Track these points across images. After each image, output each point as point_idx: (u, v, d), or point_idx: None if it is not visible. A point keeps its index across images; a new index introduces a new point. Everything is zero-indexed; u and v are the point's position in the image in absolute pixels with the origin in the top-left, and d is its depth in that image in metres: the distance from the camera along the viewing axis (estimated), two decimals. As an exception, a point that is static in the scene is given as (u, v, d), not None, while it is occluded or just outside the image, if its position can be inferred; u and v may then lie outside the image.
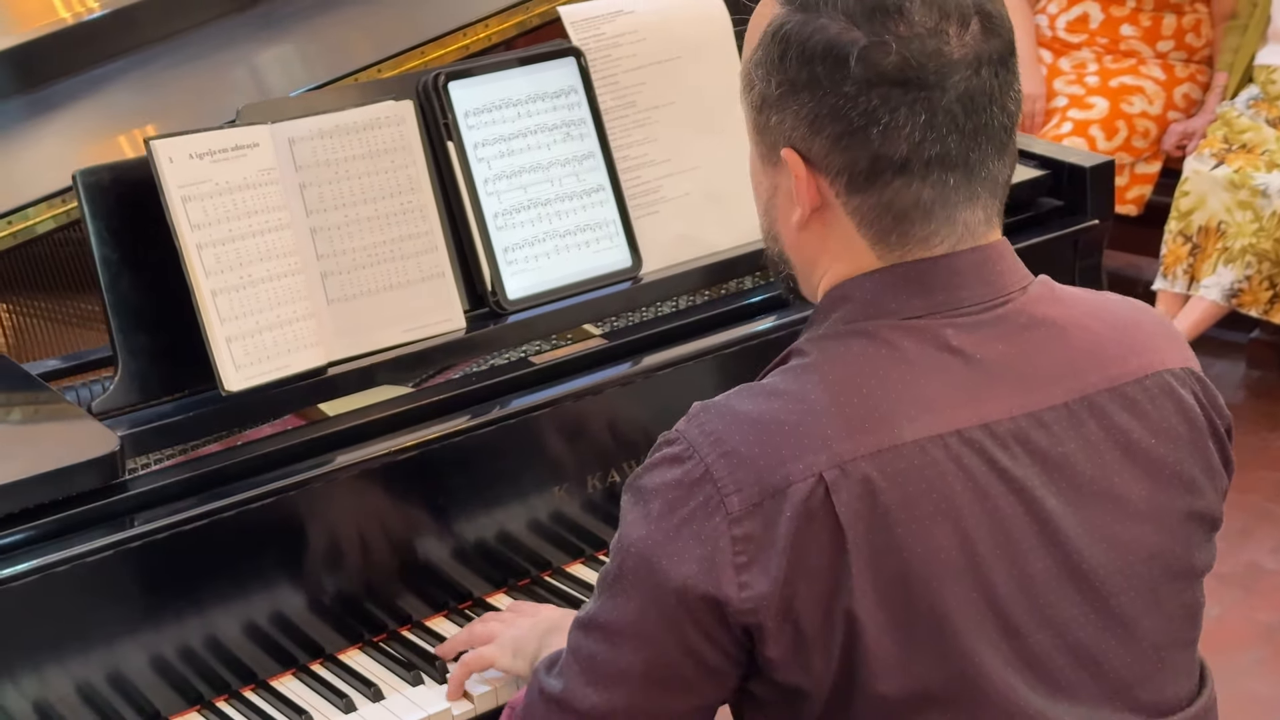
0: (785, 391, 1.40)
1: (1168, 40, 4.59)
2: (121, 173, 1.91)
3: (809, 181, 1.42)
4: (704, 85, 2.29)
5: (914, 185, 1.40)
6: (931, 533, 1.35)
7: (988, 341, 1.41)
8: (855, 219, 1.42)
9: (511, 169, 2.13)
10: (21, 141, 2.37)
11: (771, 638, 1.35)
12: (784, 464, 1.34)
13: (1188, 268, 4.29)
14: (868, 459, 1.34)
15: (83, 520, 1.78)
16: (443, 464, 1.97)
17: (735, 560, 1.34)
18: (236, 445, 1.91)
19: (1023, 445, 1.39)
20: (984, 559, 1.36)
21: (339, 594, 1.93)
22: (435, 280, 2.04)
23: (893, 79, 1.36)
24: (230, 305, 1.86)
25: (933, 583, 1.35)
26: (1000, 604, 1.37)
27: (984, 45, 1.39)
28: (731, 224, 2.27)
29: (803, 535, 1.33)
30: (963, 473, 1.36)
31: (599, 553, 2.11)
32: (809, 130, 1.40)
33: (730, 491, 1.35)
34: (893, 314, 1.41)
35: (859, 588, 1.33)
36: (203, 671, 1.85)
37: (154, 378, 1.91)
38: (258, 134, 1.93)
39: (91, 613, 1.77)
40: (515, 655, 1.82)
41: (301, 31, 2.57)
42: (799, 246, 1.48)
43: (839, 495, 1.33)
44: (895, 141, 1.38)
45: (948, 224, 1.42)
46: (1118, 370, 1.45)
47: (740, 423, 1.38)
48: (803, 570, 1.33)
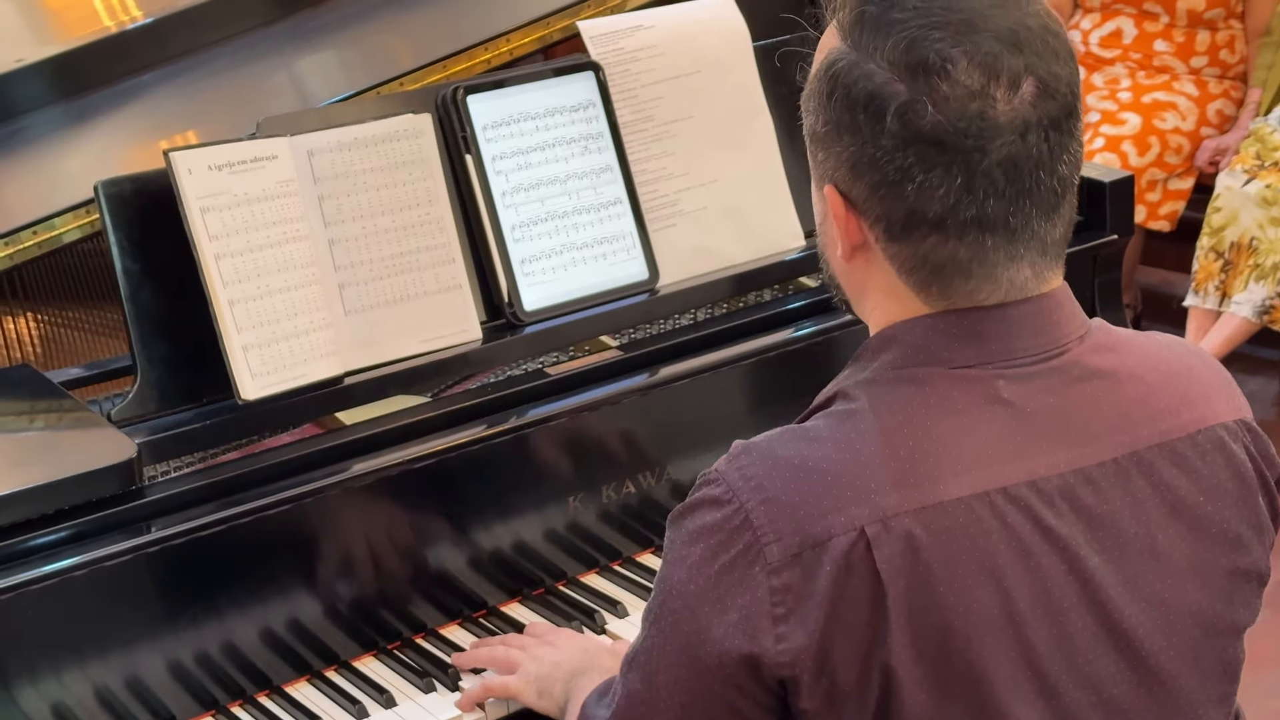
0: (830, 438, 1.36)
1: (1201, 56, 4.58)
2: (142, 184, 1.94)
3: (849, 220, 1.39)
4: (722, 100, 2.30)
5: (950, 244, 1.36)
6: (972, 590, 1.32)
7: (1039, 394, 1.38)
8: (895, 264, 1.40)
9: (529, 182, 2.15)
10: (58, 150, 2.41)
11: (806, 689, 1.34)
12: (825, 515, 1.32)
13: (1219, 284, 4.28)
14: (911, 515, 1.32)
15: (101, 526, 1.80)
16: (459, 473, 1.99)
17: (774, 611, 1.32)
18: (253, 453, 1.94)
19: (1069, 502, 1.36)
20: (1024, 617, 1.34)
21: (354, 601, 1.95)
22: (452, 292, 2.06)
23: (928, 139, 1.32)
24: (247, 315, 1.89)
25: (972, 640, 1.33)
26: (1038, 663, 1.35)
27: (1035, 110, 1.34)
28: (748, 237, 2.29)
29: (841, 589, 1.31)
30: (1007, 531, 1.34)
31: (614, 563, 2.13)
32: (850, 173, 1.37)
33: (770, 540, 1.33)
34: (944, 362, 1.38)
35: (897, 643, 1.31)
36: (218, 676, 1.88)
37: (172, 386, 1.93)
38: (277, 146, 1.96)
39: (109, 617, 1.80)
40: (540, 695, 1.82)
41: (329, 44, 2.61)
42: (846, 275, 1.46)
43: (880, 550, 1.31)
44: (930, 200, 1.34)
45: (989, 281, 1.38)
46: (1169, 424, 1.42)
47: (782, 468, 1.35)
48: (840, 624, 1.31)
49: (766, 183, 2.32)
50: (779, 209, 2.32)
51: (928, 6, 1.35)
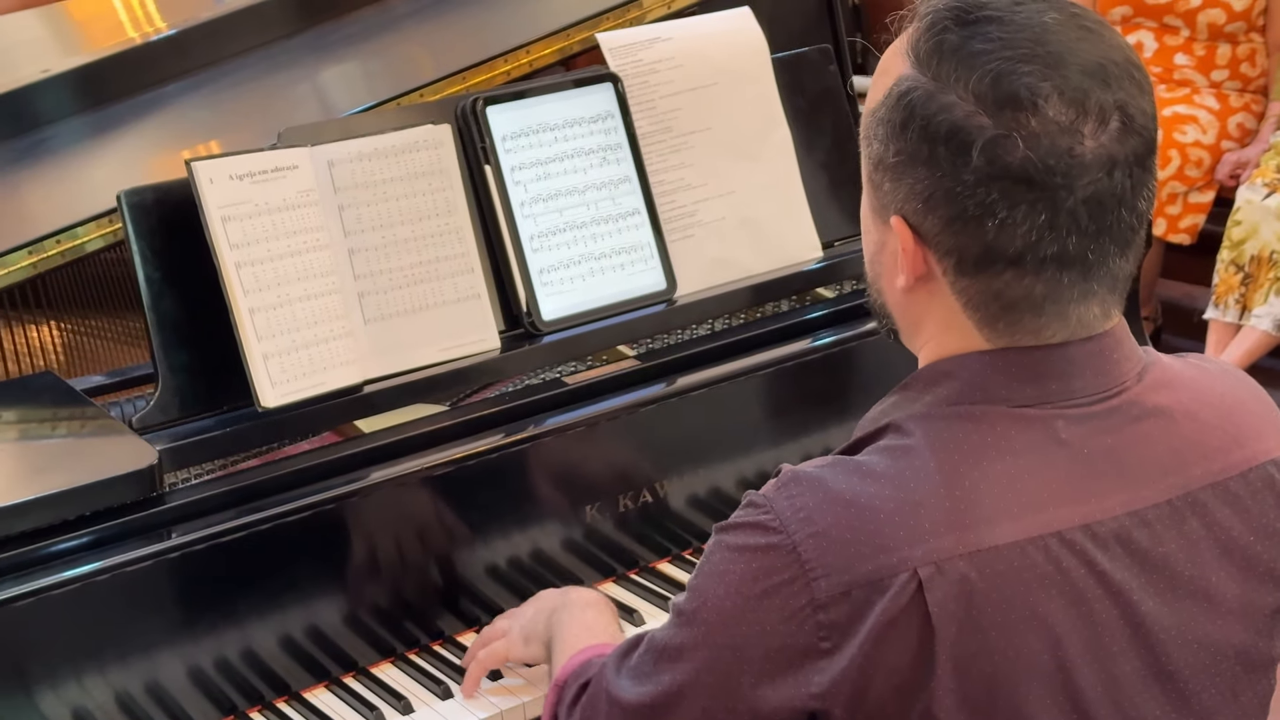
0: (884, 475, 1.33)
1: (1222, 70, 4.58)
2: (164, 193, 1.96)
3: (916, 253, 1.36)
4: (740, 112, 2.32)
5: (1026, 280, 1.33)
6: (1024, 637, 1.30)
7: (1096, 435, 1.36)
8: (961, 299, 1.36)
9: (548, 192, 2.16)
10: (82, 160, 2.43)
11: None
12: (877, 555, 1.30)
13: (1239, 297, 4.27)
14: (965, 559, 1.29)
15: (122, 532, 1.82)
16: (477, 481, 2.00)
17: (819, 645, 1.31)
18: (273, 460, 1.95)
19: (1123, 546, 1.35)
20: (1074, 664, 1.32)
21: (372, 608, 1.96)
22: (471, 301, 2.08)
23: (1016, 175, 1.28)
24: (267, 323, 1.90)
25: (1020, 687, 1.31)
26: (1085, 708, 1.33)
27: (1120, 146, 1.30)
28: (766, 248, 2.30)
29: (888, 630, 1.29)
30: (1061, 576, 1.32)
31: (630, 571, 2.14)
32: (922, 206, 1.33)
33: (819, 575, 1.31)
34: (1003, 400, 1.36)
35: (941, 688, 1.29)
36: (237, 682, 1.89)
37: (193, 394, 1.95)
38: (297, 156, 1.97)
39: (129, 622, 1.81)
40: (527, 641, 1.85)
41: (351, 55, 2.63)
42: (903, 307, 1.42)
43: (933, 594, 1.28)
44: (1011, 237, 1.30)
45: (1059, 319, 1.35)
46: (1222, 464, 1.40)
47: (834, 503, 1.32)
48: (883, 665, 1.30)
49: (784, 194, 2.33)
50: (796, 220, 2.33)
51: (1013, 38, 1.31)
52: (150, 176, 2.01)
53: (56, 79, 2.50)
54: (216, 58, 2.58)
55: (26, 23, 2.90)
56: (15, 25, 2.88)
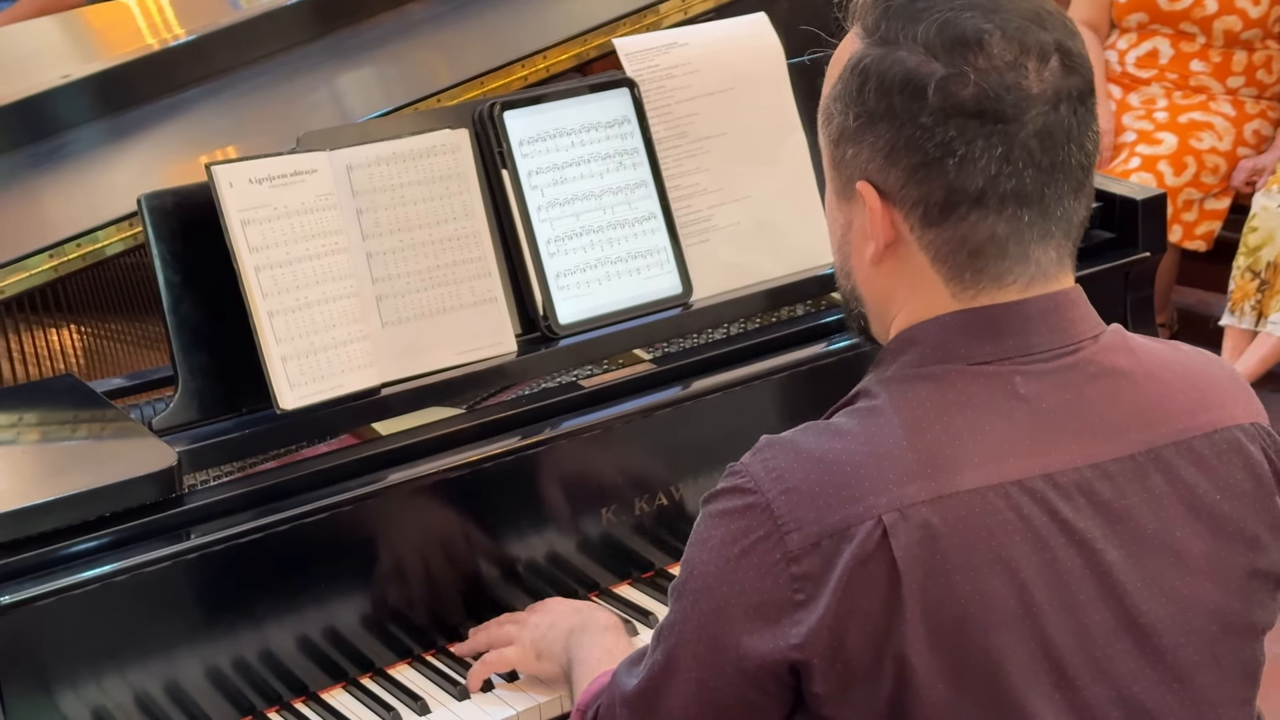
0: (850, 432, 1.39)
1: (1238, 76, 4.58)
2: (184, 197, 1.97)
3: (884, 215, 1.41)
4: (756, 117, 2.33)
5: (989, 219, 1.39)
6: (989, 580, 1.34)
7: (1055, 390, 1.40)
8: (929, 254, 1.42)
9: (564, 197, 2.17)
10: (101, 165, 2.45)
11: (819, 674, 1.36)
12: (845, 505, 1.35)
13: (1255, 304, 4.27)
14: (928, 505, 1.34)
15: (141, 532, 1.83)
16: (493, 484, 2.01)
17: (794, 598, 1.35)
18: (291, 462, 1.96)
19: (1086, 497, 1.38)
20: (1041, 609, 1.35)
21: (389, 609, 1.97)
22: (488, 305, 2.09)
23: (970, 110, 1.36)
24: (286, 326, 1.92)
25: (988, 630, 1.34)
26: (1056, 654, 1.36)
27: (1063, 82, 1.38)
28: (781, 253, 2.31)
29: (858, 577, 1.33)
30: (1023, 522, 1.36)
31: (646, 574, 2.15)
32: (885, 161, 1.40)
33: (790, 529, 1.36)
34: (961, 359, 1.41)
35: (912, 632, 1.33)
36: (255, 682, 1.90)
37: (212, 396, 1.96)
38: (316, 160, 1.99)
39: (148, 622, 1.83)
40: (540, 657, 1.87)
41: (368, 61, 2.65)
42: (872, 283, 1.48)
43: (897, 539, 1.33)
44: (971, 174, 1.37)
45: (1021, 261, 1.41)
46: (1186, 424, 1.43)
47: (803, 460, 1.38)
48: (855, 612, 1.33)
49: (800, 199, 2.34)
50: (812, 225, 2.34)
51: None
52: (169, 181, 2.02)
53: (76, 84, 2.52)
54: (235, 64, 2.59)
55: (46, 29, 2.92)
56: (35, 31, 2.90)
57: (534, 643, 1.88)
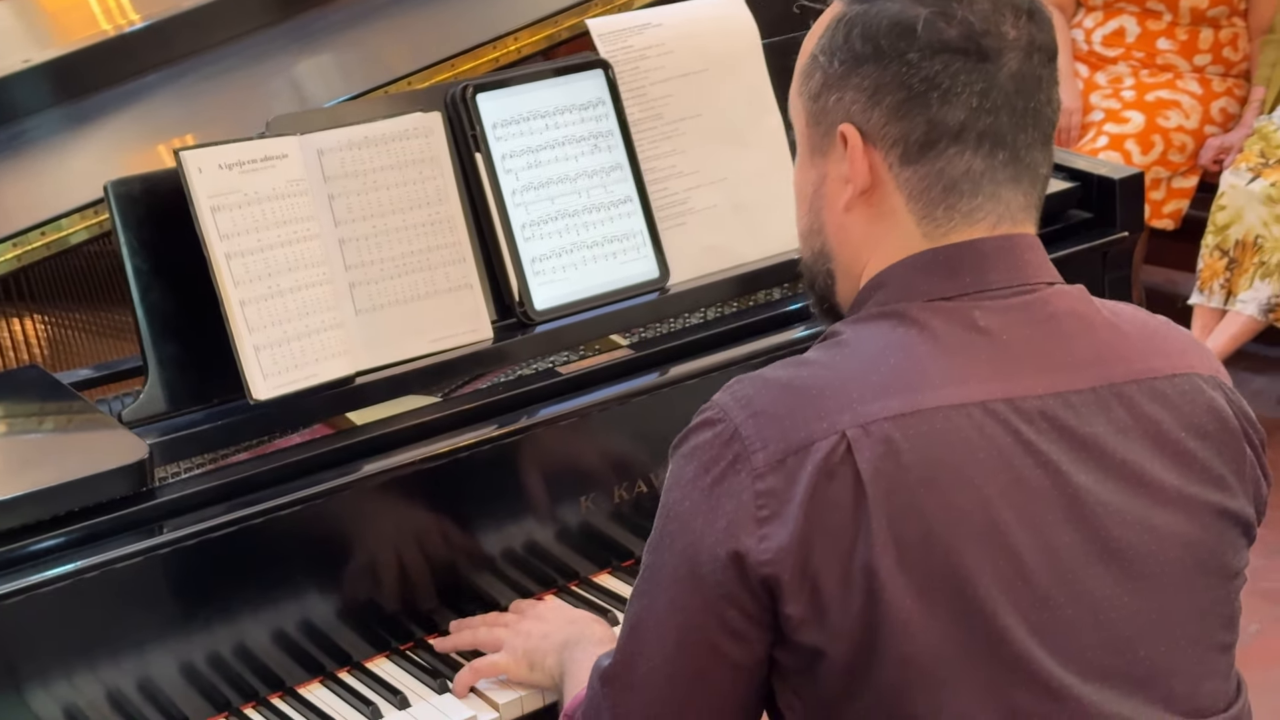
0: (816, 360, 1.45)
1: (1204, 54, 4.58)
2: (152, 183, 1.93)
3: (864, 157, 1.46)
4: (731, 98, 2.30)
5: (965, 155, 1.44)
6: (953, 496, 1.36)
7: (1014, 325, 1.44)
8: (905, 192, 1.46)
9: (539, 180, 2.14)
10: (60, 153, 2.40)
11: (791, 594, 1.37)
12: (809, 422, 1.38)
13: (1224, 282, 4.27)
14: (891, 421, 1.37)
15: (112, 527, 1.79)
16: (471, 473, 1.98)
17: (758, 514, 1.37)
18: (265, 454, 1.92)
19: (1049, 422, 1.40)
20: (1008, 525, 1.37)
21: (367, 602, 1.94)
22: (463, 291, 2.06)
23: (955, 47, 1.42)
24: (258, 315, 1.88)
25: (954, 544, 1.35)
26: (1025, 571, 1.37)
27: (1036, 35, 1.46)
28: (758, 236, 2.28)
29: (823, 491, 1.36)
30: (986, 441, 1.38)
31: (625, 563, 2.12)
32: (869, 101, 1.45)
33: (756, 449, 1.38)
34: (922, 295, 1.45)
35: (879, 546, 1.35)
36: (231, 678, 1.87)
37: (183, 387, 1.92)
38: (287, 145, 1.95)
39: (121, 619, 1.79)
40: (532, 668, 1.84)
41: (335, 44, 2.60)
42: (844, 233, 1.51)
43: (861, 453, 1.35)
44: (953, 108, 1.43)
45: (992, 199, 1.46)
46: (1144, 366, 1.46)
47: (770, 386, 1.43)
48: (821, 526, 1.35)
49: (776, 181, 2.31)
50: (788, 207, 2.28)
51: None
52: (136, 168, 1.97)
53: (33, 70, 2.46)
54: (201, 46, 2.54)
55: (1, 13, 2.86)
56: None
57: (527, 652, 1.85)
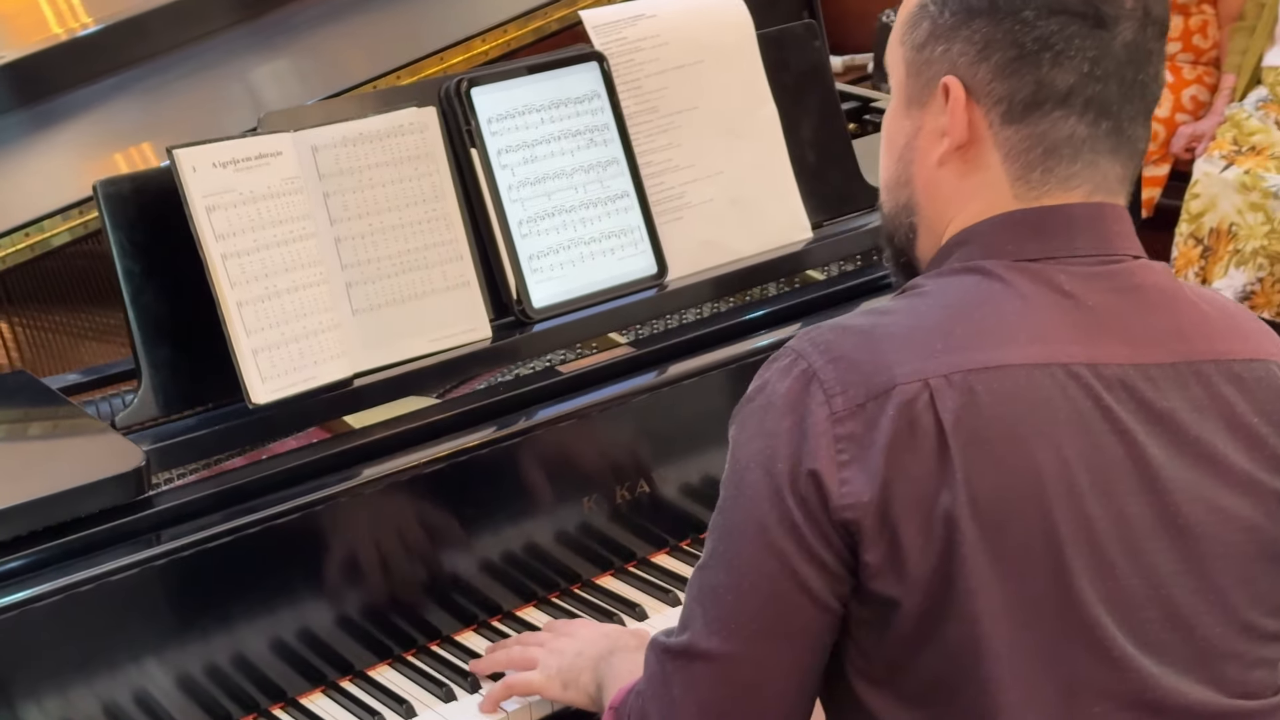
0: (896, 309, 1.43)
1: (1174, 42, 4.56)
2: (142, 183, 1.88)
3: (965, 112, 1.43)
4: (726, 90, 2.26)
5: (1070, 120, 1.41)
6: (1032, 454, 1.34)
7: (1100, 292, 1.41)
8: (1002, 151, 1.43)
9: (535, 176, 2.10)
10: (22, 157, 2.33)
11: (870, 541, 1.35)
12: (890, 368, 1.35)
13: (1199, 270, 4.26)
14: (974, 373, 1.35)
15: (108, 538, 1.74)
16: (472, 475, 1.93)
17: (838, 458, 1.34)
18: (264, 459, 1.87)
19: (1128, 392, 1.38)
20: (1082, 489, 1.35)
21: (368, 609, 1.89)
22: (461, 289, 2.01)
23: (1072, 10, 1.40)
24: (256, 316, 1.83)
25: (1032, 502, 1.34)
26: (1097, 538, 1.36)
27: (1152, 7, 1.43)
28: (755, 230, 2.25)
29: (903, 438, 1.33)
30: (1067, 403, 1.36)
31: (629, 565, 2.08)
32: (978, 55, 1.42)
33: (836, 392, 1.36)
34: (1008, 255, 1.42)
35: (959, 496, 1.33)
36: (231, 690, 1.82)
37: (178, 391, 1.87)
38: (280, 142, 1.90)
39: (118, 631, 1.74)
40: (565, 686, 1.79)
41: (311, 41, 2.53)
42: (934, 187, 1.48)
43: (943, 402, 1.33)
44: (1064, 72, 1.40)
45: (1090, 167, 1.43)
46: (1224, 348, 1.44)
47: (849, 333, 1.40)
48: (902, 474, 1.33)
49: (772, 174, 2.28)
50: (785, 200, 2.28)
51: None
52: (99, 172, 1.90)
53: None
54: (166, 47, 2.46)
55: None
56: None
57: (560, 670, 1.80)
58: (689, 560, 2.08)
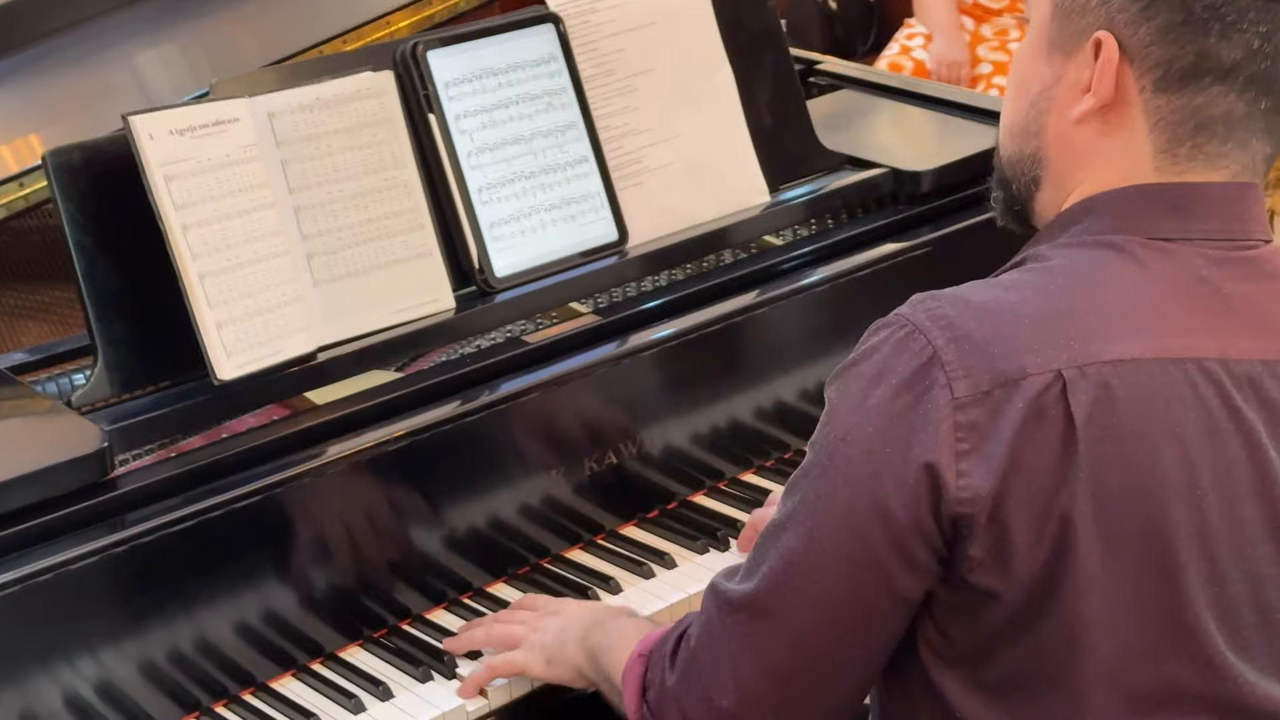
0: (1025, 285, 1.35)
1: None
2: (93, 152, 1.80)
3: (1114, 72, 1.35)
4: (683, 52, 2.21)
5: (1229, 97, 1.34)
6: (1162, 452, 1.30)
7: (1235, 280, 1.36)
8: (1150, 120, 1.36)
9: (494, 141, 2.04)
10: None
11: (978, 535, 1.29)
12: (1019, 354, 1.29)
13: None
14: (1109, 366, 1.29)
15: (70, 523, 1.67)
16: (440, 449, 1.88)
17: (957, 447, 1.28)
18: (230, 438, 1.81)
19: (1254, 390, 1.34)
20: (1204, 492, 1.31)
21: (337, 590, 1.83)
22: (423, 259, 1.95)
23: None
24: (219, 289, 1.76)
25: (1155, 503, 1.30)
26: (1210, 541, 1.32)
27: None
28: (713, 194, 2.20)
29: (1029, 431, 1.27)
30: (1198, 401, 1.31)
31: (598, 537, 2.03)
32: (1139, 14, 1.33)
33: (959, 375, 1.29)
34: (1142, 231, 1.36)
35: (1081, 494, 1.28)
36: (198, 676, 1.76)
37: (136, 368, 1.80)
38: (237, 108, 1.83)
39: (80, 619, 1.67)
40: (550, 662, 1.73)
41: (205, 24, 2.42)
42: (1067, 143, 1.40)
43: (1076, 395, 1.28)
44: (1231, 45, 1.32)
45: (1241, 147, 1.36)
46: None
47: (974, 310, 1.32)
48: (1023, 468, 1.28)
49: (729, 137, 2.24)
50: (743, 164, 2.24)
51: None
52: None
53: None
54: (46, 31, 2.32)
55: None
56: None
57: (544, 646, 1.74)
58: (658, 532, 2.04)
